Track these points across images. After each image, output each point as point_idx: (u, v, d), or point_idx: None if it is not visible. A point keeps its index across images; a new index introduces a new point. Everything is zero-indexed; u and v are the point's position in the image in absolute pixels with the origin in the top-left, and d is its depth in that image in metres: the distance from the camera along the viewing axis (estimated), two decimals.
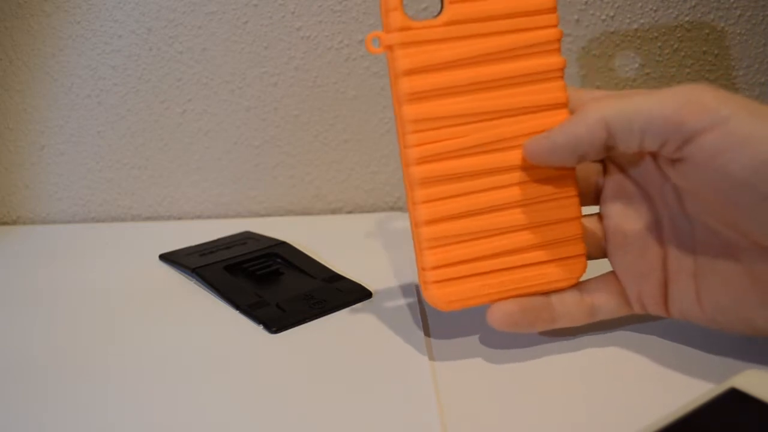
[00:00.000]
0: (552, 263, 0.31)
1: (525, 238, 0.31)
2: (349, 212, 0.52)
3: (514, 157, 0.31)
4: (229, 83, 0.49)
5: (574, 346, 0.33)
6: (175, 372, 0.32)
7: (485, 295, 0.31)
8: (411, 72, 0.30)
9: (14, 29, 0.47)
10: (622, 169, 0.32)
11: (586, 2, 0.48)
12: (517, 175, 0.31)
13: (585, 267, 0.32)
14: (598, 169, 0.33)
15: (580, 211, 0.32)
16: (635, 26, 0.49)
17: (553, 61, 0.30)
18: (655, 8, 0.49)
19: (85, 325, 0.36)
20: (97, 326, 0.36)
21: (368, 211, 0.52)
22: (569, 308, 0.32)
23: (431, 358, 0.33)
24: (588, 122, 0.29)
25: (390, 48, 0.30)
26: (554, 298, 0.32)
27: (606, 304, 0.32)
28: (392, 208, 0.52)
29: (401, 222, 0.49)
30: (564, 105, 0.31)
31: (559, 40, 0.31)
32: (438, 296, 0.31)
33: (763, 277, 0.28)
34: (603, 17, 0.48)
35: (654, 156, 0.30)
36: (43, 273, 0.43)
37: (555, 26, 0.30)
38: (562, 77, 0.31)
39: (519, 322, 0.31)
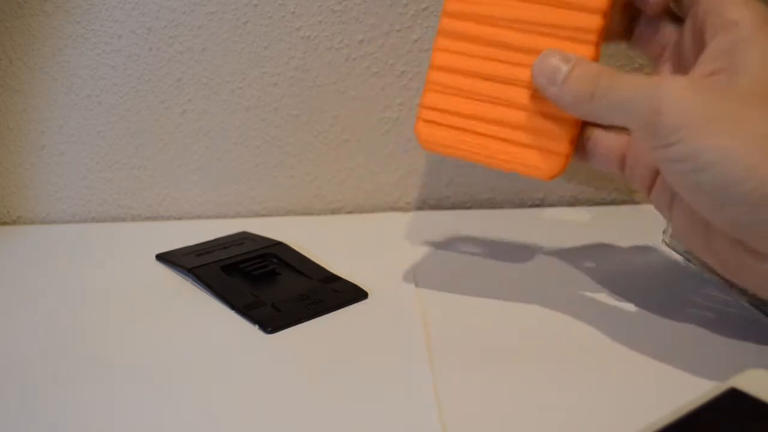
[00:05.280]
0: (533, 150, 0.32)
1: (518, 116, 0.32)
2: (349, 212, 0.52)
3: (536, 42, 0.32)
4: (229, 83, 0.49)
5: (573, 345, 0.33)
6: (170, 372, 0.32)
7: (461, 149, 0.33)
8: None
9: (14, 29, 0.47)
10: None
11: None
12: (532, 59, 0.31)
13: (562, 168, 0.32)
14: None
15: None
16: None
17: None
18: None
19: (84, 325, 0.36)
20: (96, 326, 0.36)
21: (368, 211, 0.52)
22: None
23: (430, 357, 0.32)
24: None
25: None
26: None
27: (604, 157, 0.33)
28: (392, 208, 0.52)
29: (401, 222, 0.49)
30: (601, 11, 0.31)
31: None
32: (421, 133, 0.34)
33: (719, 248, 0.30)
34: None
35: None
36: (43, 273, 0.43)
37: None
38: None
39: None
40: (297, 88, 0.49)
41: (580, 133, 0.33)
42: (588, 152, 0.34)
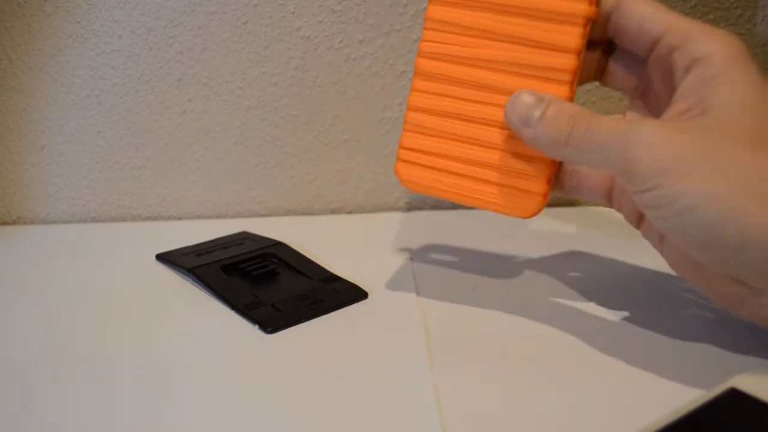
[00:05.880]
0: (510, 189, 0.33)
1: (495, 157, 0.33)
2: (349, 212, 0.52)
3: (512, 82, 0.32)
4: (229, 83, 0.49)
5: (573, 345, 0.33)
6: (170, 372, 0.32)
7: (439, 189, 0.34)
8: None
9: (14, 29, 0.47)
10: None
11: None
12: (507, 99, 0.31)
13: (541, 206, 0.32)
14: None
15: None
16: None
17: (580, 7, 0.30)
18: None
19: (84, 325, 0.36)
20: (96, 326, 0.36)
21: (368, 211, 0.52)
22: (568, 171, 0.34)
23: (430, 357, 0.32)
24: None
25: None
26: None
27: (589, 191, 0.34)
28: (392, 208, 0.52)
29: (401, 222, 0.49)
30: (575, 51, 0.31)
31: None
32: (401, 173, 0.34)
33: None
34: None
35: None
36: (43, 273, 0.43)
37: None
38: (582, 25, 0.31)
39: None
40: (297, 88, 0.49)
41: (563, 168, 0.33)
42: (573, 187, 0.33)
